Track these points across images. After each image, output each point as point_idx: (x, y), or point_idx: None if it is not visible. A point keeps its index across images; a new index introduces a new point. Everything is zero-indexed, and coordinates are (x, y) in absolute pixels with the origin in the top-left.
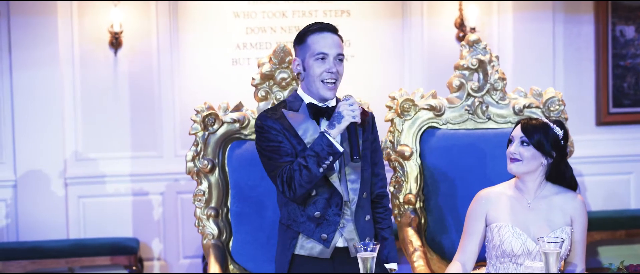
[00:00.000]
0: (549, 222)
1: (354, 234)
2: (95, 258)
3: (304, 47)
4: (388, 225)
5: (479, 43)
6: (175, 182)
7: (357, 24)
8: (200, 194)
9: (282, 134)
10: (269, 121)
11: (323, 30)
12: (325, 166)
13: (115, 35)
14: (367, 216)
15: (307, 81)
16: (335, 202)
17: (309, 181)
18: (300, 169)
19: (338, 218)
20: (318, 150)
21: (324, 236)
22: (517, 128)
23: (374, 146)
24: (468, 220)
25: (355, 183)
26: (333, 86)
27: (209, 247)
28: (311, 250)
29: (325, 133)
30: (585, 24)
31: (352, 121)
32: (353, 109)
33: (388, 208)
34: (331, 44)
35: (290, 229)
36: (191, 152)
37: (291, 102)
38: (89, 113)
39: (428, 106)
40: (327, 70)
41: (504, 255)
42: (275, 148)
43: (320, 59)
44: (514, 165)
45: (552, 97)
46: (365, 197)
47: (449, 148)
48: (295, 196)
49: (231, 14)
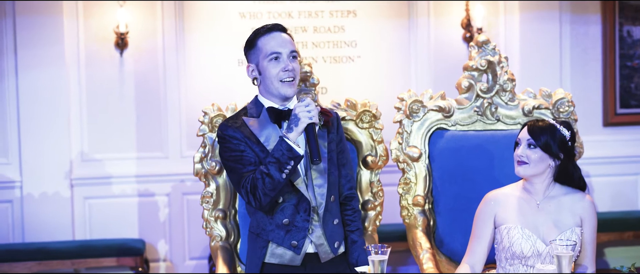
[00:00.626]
0: (558, 223)
1: (322, 239)
2: (101, 259)
3: (256, 51)
4: (357, 227)
5: (488, 44)
6: (181, 183)
7: (363, 24)
8: (208, 196)
9: (244, 143)
10: (230, 130)
11: (272, 31)
12: (287, 171)
13: (121, 35)
14: (335, 219)
15: (264, 84)
16: (304, 208)
17: (273, 188)
18: (263, 177)
19: (307, 223)
20: (278, 156)
21: (293, 242)
22: (523, 130)
23: (340, 147)
24: (476, 222)
25: (322, 187)
26: (292, 83)
27: (217, 249)
28: (281, 258)
29: (284, 137)
30: (592, 25)
31: (309, 122)
32: (309, 110)
33: (357, 210)
34: (282, 42)
35: (260, 238)
36: (199, 154)
37: (251, 108)
38: (95, 114)
39: (437, 107)
40: (283, 68)
41: (513, 257)
42: (238, 158)
43: (274, 59)
44: (521, 168)
45: (561, 98)
46: (333, 200)
47: (458, 149)
48: (261, 205)
49: (237, 14)
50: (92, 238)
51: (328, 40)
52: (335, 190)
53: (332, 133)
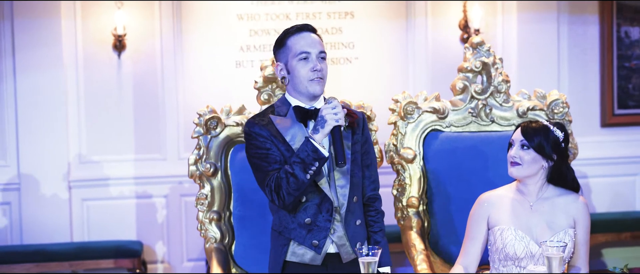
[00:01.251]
0: (551, 224)
1: (344, 239)
2: (99, 261)
3: (285, 50)
4: (380, 228)
5: (482, 45)
6: (179, 185)
7: (361, 25)
8: (202, 198)
9: (270, 141)
10: (257, 127)
11: (302, 31)
12: (311, 172)
13: (119, 37)
14: (358, 220)
15: (293, 83)
16: (326, 208)
17: (297, 188)
18: (287, 176)
19: (329, 223)
20: (303, 156)
21: (314, 242)
22: (517, 131)
23: (365, 148)
24: (470, 223)
25: (344, 188)
26: (321, 81)
27: (212, 251)
28: (302, 257)
29: (310, 138)
30: (590, 25)
31: (335, 124)
32: (336, 112)
33: (380, 211)
34: (312, 42)
35: (282, 236)
36: (194, 156)
37: (279, 107)
38: (93, 116)
39: (431, 109)
40: (312, 68)
41: (507, 258)
42: (263, 156)
43: (303, 58)
44: (514, 169)
45: (556, 99)
46: (355, 201)
47: (453, 151)
48: (284, 204)
49: (235, 16)
50: (90, 239)
51: (326, 41)
52: (358, 191)
53: (357, 134)
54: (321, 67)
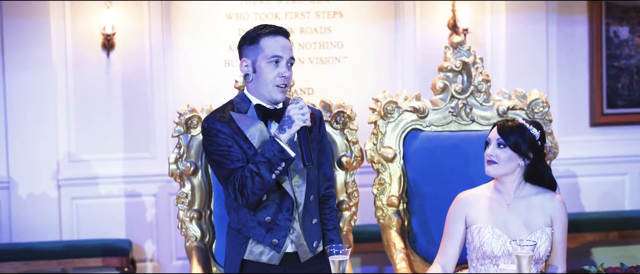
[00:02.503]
0: (528, 223)
1: (301, 238)
2: (87, 260)
3: (256, 49)
4: (334, 226)
5: (463, 45)
6: (168, 184)
7: (350, 25)
8: (183, 197)
9: (231, 139)
10: (218, 123)
11: (277, 34)
12: (277, 171)
13: (108, 37)
14: (314, 219)
15: (256, 83)
16: (287, 207)
17: (262, 187)
18: (252, 176)
19: (289, 223)
20: (269, 156)
21: (274, 241)
22: (493, 130)
23: (321, 146)
24: (448, 223)
25: (300, 187)
26: (284, 89)
27: (192, 249)
28: (260, 256)
29: (276, 138)
30: (578, 25)
31: (302, 125)
32: (303, 113)
33: (334, 209)
34: (284, 47)
35: (240, 234)
36: (174, 155)
37: (238, 103)
38: (82, 115)
39: (411, 108)
40: (280, 74)
41: (484, 257)
42: (226, 153)
43: (274, 62)
44: (491, 167)
45: (536, 99)
46: (312, 200)
47: (433, 150)
48: (248, 203)
49: (224, 15)
50: (79, 238)
51: (314, 41)
52: (314, 189)
53: (314, 132)
54: (289, 74)
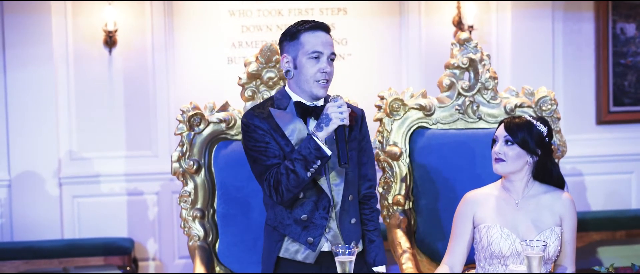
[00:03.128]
0: (537, 222)
1: (339, 238)
2: (89, 258)
3: (296, 44)
4: (375, 227)
5: (469, 42)
6: (171, 182)
7: (354, 22)
8: (185, 195)
9: (269, 135)
10: (256, 120)
11: (318, 29)
12: (313, 169)
13: (110, 33)
14: (352, 219)
15: (297, 79)
16: (323, 205)
17: (297, 185)
18: (288, 173)
19: (325, 221)
20: (305, 153)
21: (309, 239)
22: (500, 127)
23: (362, 146)
24: (456, 222)
25: (338, 186)
26: (326, 84)
27: (195, 249)
28: (295, 254)
29: (313, 136)
30: (585, 22)
31: (340, 123)
32: (341, 111)
33: (375, 209)
34: (325, 43)
35: (276, 231)
36: (177, 153)
37: (279, 99)
38: (84, 112)
39: (417, 106)
40: (321, 70)
41: (492, 256)
42: (262, 149)
43: (314, 58)
44: (499, 165)
45: (544, 96)
46: (351, 200)
47: (439, 148)
48: (283, 200)
49: (227, 12)
50: (81, 236)
51: None
52: (353, 189)
53: (355, 131)
54: (330, 69)
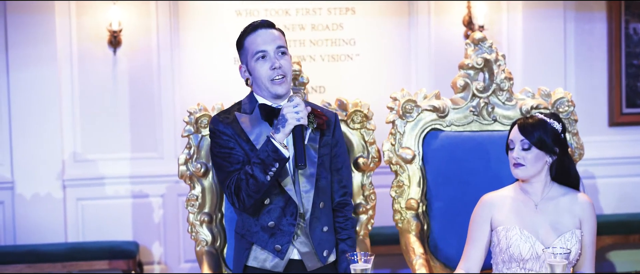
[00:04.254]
0: (556, 225)
1: (309, 246)
2: (92, 262)
3: (244, 51)
4: (348, 236)
5: (484, 41)
6: (176, 184)
7: (362, 22)
8: (193, 199)
9: (234, 140)
10: (221, 125)
11: (257, 28)
12: (271, 173)
13: (114, 33)
14: (325, 227)
15: (256, 84)
16: (290, 211)
17: (257, 190)
18: (247, 178)
19: (292, 228)
20: (263, 157)
21: (277, 247)
22: (514, 131)
23: (335, 151)
24: (472, 225)
25: (308, 193)
26: (283, 80)
27: (203, 254)
28: (264, 262)
29: (271, 138)
30: (597, 22)
31: (296, 123)
32: (297, 111)
33: (349, 218)
34: (268, 39)
35: (244, 239)
36: (184, 155)
37: (245, 104)
38: (88, 113)
39: (431, 107)
40: (271, 67)
41: (511, 259)
42: (226, 155)
43: (260, 58)
44: (519, 170)
45: (561, 97)
46: (322, 207)
47: (453, 151)
48: (245, 206)
49: (233, 12)
50: (85, 239)
51: (326, 38)
52: (325, 196)
53: (327, 136)
54: (280, 64)
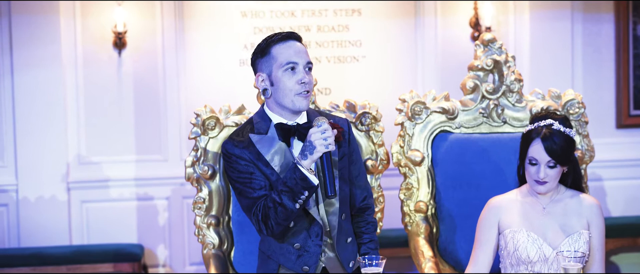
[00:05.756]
0: (564, 227)
1: (335, 261)
2: (97, 265)
3: (269, 60)
4: (370, 239)
5: (494, 42)
6: (181, 187)
7: (369, 23)
8: (200, 202)
9: (253, 165)
10: (236, 150)
11: (288, 39)
12: (301, 200)
13: (119, 35)
14: (348, 238)
15: (276, 96)
16: (315, 232)
17: (286, 218)
18: (275, 206)
19: (319, 248)
20: (291, 185)
21: (305, 268)
22: (539, 149)
23: (352, 159)
24: (480, 229)
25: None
26: (307, 95)
27: (210, 257)
28: None
29: (298, 165)
30: (604, 24)
31: (325, 150)
32: (325, 137)
33: (371, 222)
34: (299, 52)
35: (271, 260)
36: (191, 158)
37: (258, 122)
38: (92, 115)
39: (440, 109)
40: (299, 81)
41: (519, 262)
42: (247, 181)
43: (290, 69)
44: (543, 187)
45: (571, 99)
46: (344, 218)
47: (463, 153)
48: (273, 233)
49: (239, 13)
50: (89, 242)
51: (332, 39)
52: (346, 207)
53: (343, 147)
54: (309, 79)
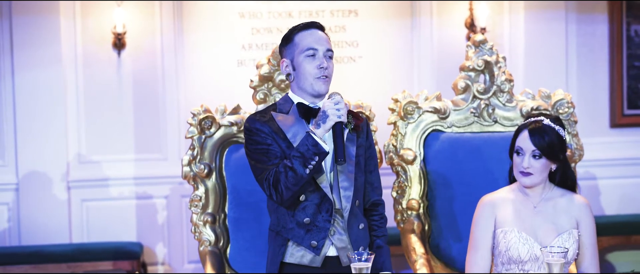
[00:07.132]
0: (555, 226)
1: (346, 242)
2: (97, 263)
3: (292, 46)
4: (383, 233)
5: (485, 43)
6: (180, 186)
7: (365, 24)
8: (196, 200)
9: (271, 137)
10: (257, 123)
11: (310, 27)
12: (311, 166)
13: (119, 36)
14: (361, 224)
15: (298, 80)
16: (326, 208)
17: (296, 182)
18: (286, 171)
19: (328, 224)
20: (303, 150)
21: (313, 243)
22: (524, 137)
23: (369, 153)
24: (475, 228)
25: (347, 190)
26: (326, 80)
27: (206, 254)
28: (301, 258)
29: (311, 132)
30: (599, 24)
31: (337, 120)
32: (338, 108)
33: (384, 216)
34: (319, 39)
35: (280, 236)
36: (187, 157)
37: (281, 104)
38: (92, 115)
39: (432, 109)
40: (318, 65)
41: (510, 261)
42: (264, 151)
43: (310, 55)
44: (527, 179)
45: (561, 99)
46: (357, 205)
47: (454, 152)
48: (282, 199)
49: (237, 14)
50: (89, 240)
51: None
52: (360, 195)
53: (362, 138)
54: (328, 65)
